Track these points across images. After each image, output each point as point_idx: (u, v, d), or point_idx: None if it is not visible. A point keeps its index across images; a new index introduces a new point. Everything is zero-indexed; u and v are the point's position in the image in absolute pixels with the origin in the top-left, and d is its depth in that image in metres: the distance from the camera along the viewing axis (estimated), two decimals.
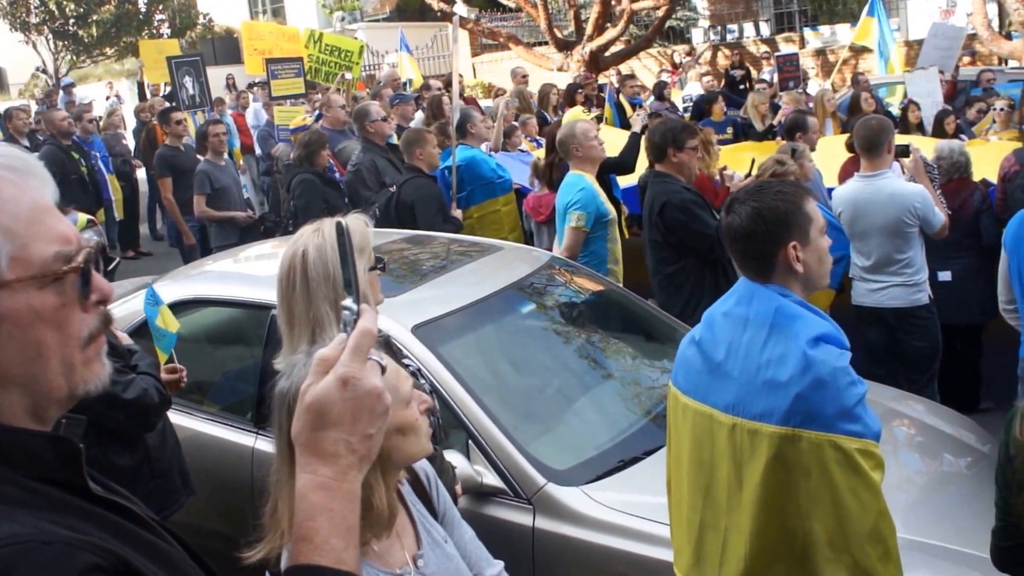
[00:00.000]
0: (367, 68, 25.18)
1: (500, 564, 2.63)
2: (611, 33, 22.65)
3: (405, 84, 15.17)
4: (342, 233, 1.50)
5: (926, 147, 7.33)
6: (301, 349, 2.68)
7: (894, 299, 6.07)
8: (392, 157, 8.32)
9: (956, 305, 6.61)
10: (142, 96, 19.63)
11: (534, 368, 4.80)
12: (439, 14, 23.64)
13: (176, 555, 1.45)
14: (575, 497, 3.79)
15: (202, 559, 1.53)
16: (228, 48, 31.66)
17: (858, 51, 22.99)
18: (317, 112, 11.54)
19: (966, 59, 20.93)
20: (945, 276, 6.67)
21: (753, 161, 6.64)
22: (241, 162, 12.80)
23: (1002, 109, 10.74)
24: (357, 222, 3.09)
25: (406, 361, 3.72)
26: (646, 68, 26.02)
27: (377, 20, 33.07)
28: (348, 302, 1.43)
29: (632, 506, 3.73)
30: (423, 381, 3.76)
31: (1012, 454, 2.73)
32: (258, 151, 14.09)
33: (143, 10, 32.96)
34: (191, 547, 1.52)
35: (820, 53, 26.77)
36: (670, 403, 3.03)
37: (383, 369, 1.44)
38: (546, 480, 3.84)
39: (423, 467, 2.53)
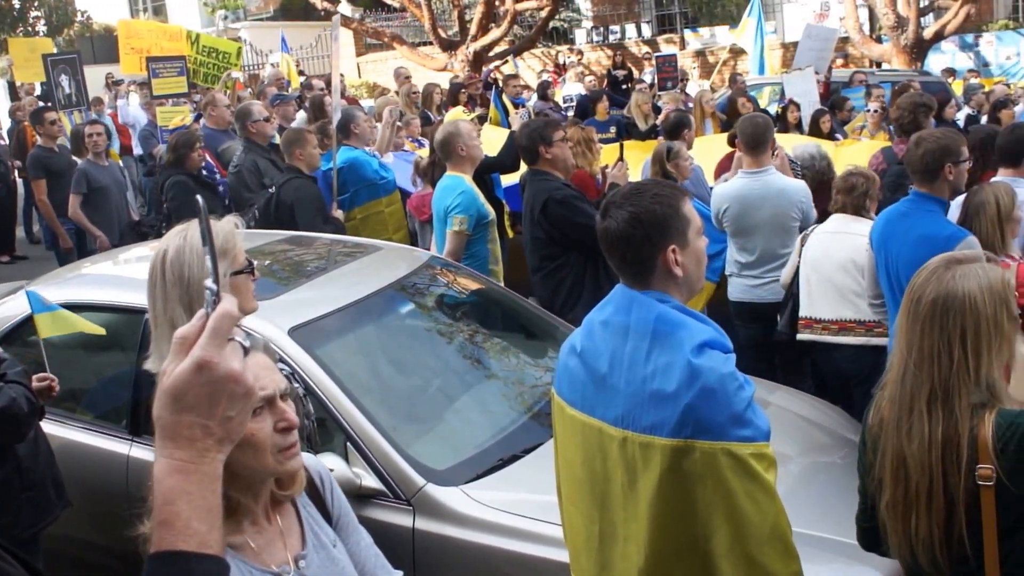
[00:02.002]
0: (251, 68, 24.84)
1: (399, 573, 2.59)
2: (495, 33, 22.77)
3: (289, 84, 15.00)
4: (202, 212, 1.47)
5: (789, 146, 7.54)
6: (164, 350, 2.63)
7: (776, 294, 6.19)
8: (274, 158, 8.20)
9: None
10: (14, 96, 18.99)
11: (414, 368, 4.78)
12: (323, 13, 23.42)
13: (14, 573, 1.41)
14: (454, 497, 3.79)
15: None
16: (107, 46, 30.74)
17: (737, 52, 23.55)
18: (196, 113, 11.32)
19: (839, 61, 21.64)
20: None
21: (621, 146, 6.72)
22: (120, 163, 12.48)
23: (875, 111, 11.05)
24: (226, 223, 3.05)
25: (279, 366, 3.66)
26: (529, 68, 26.18)
27: (261, 19, 32.63)
28: (209, 282, 1.41)
29: (511, 504, 3.75)
30: (296, 384, 3.72)
31: (866, 439, 2.84)
32: (140, 151, 13.75)
33: (17, 6, 31.89)
34: (30, 563, 1.47)
35: (700, 54, 27.33)
36: (555, 413, 2.95)
37: (246, 351, 1.42)
38: (425, 481, 3.83)
39: (319, 470, 2.49)
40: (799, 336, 5.82)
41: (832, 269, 5.59)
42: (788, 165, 6.49)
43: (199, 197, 1.54)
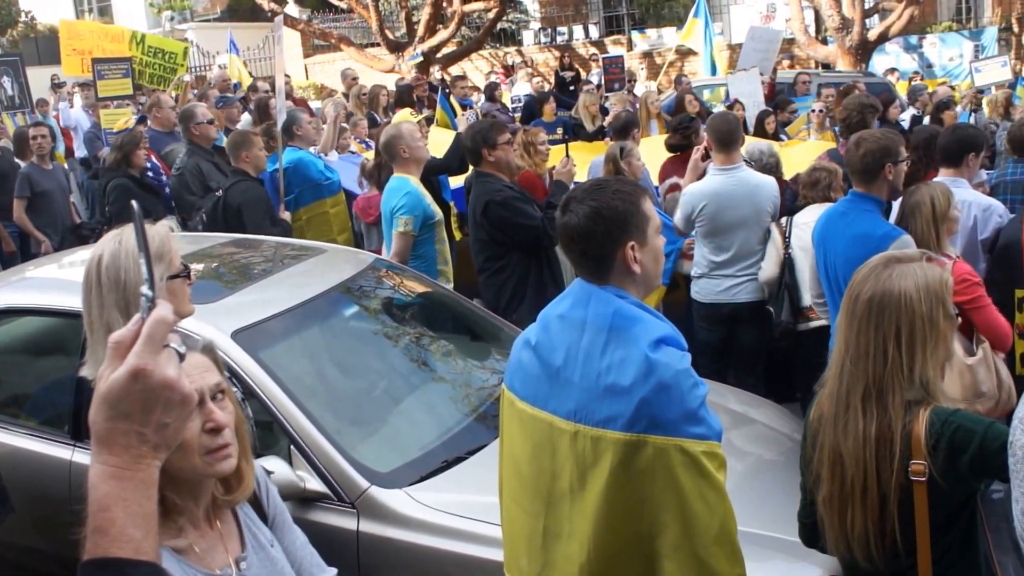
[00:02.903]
0: (197, 69, 24.60)
1: (333, 571, 2.59)
2: (442, 35, 22.78)
3: (236, 86, 14.88)
4: (137, 218, 1.46)
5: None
6: (100, 356, 2.61)
7: (750, 293, 6.23)
8: (218, 160, 8.13)
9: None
10: None
11: (359, 370, 4.78)
12: (270, 14, 23.25)
13: None
14: (398, 499, 3.79)
15: None
16: (52, 47, 30.26)
17: (684, 53, 23.74)
18: (139, 115, 11.19)
19: (786, 62, 21.87)
20: None
21: (567, 147, 6.76)
22: (65, 166, 12.32)
23: (821, 111, 11.14)
24: (161, 227, 3.03)
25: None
26: (477, 69, 26.21)
27: (208, 20, 32.30)
28: (144, 288, 1.40)
29: (455, 506, 3.75)
30: (235, 389, 3.70)
31: (807, 435, 2.89)
32: (82, 154, 13.57)
33: None
34: None
35: (648, 55, 27.51)
36: (504, 407, 2.92)
37: (181, 357, 1.41)
38: (369, 483, 3.83)
39: (254, 471, 2.49)
40: (809, 326, 5.86)
41: None
42: (699, 166, 6.59)
43: (134, 202, 1.53)
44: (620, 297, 2.65)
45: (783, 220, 6.25)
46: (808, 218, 5.87)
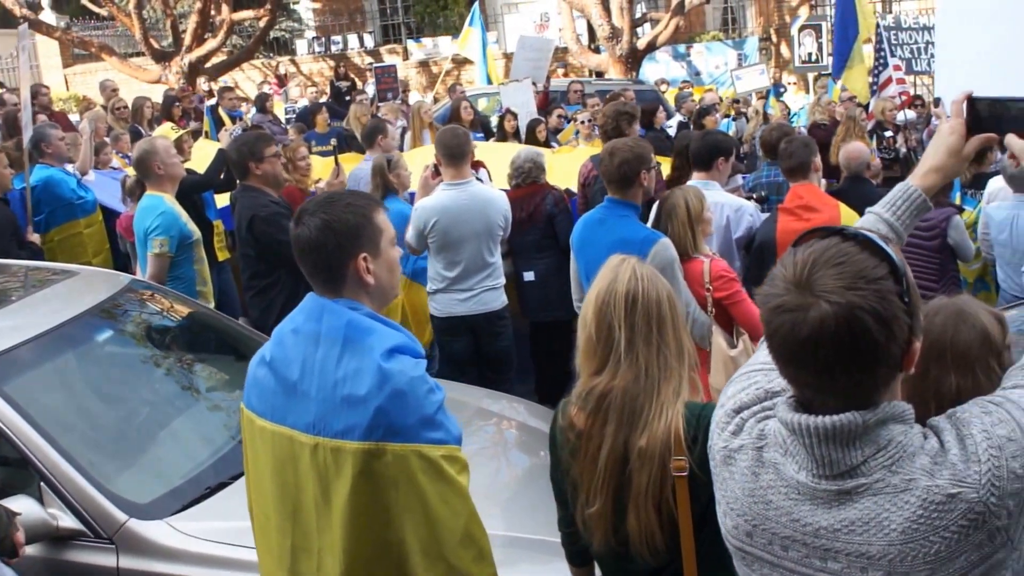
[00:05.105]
0: None
1: None
2: (211, 44, 22.15)
3: None
4: None
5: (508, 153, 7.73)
6: None
7: (486, 304, 6.28)
8: None
9: (542, 303, 6.97)
10: None
11: (117, 398, 4.56)
12: (21, 20, 21.99)
13: None
14: (160, 530, 3.64)
15: None
16: None
17: (460, 62, 23.95)
18: None
19: (560, 71, 22.42)
20: (529, 276, 6.99)
21: (336, 159, 6.68)
22: None
23: (586, 121, 11.38)
24: None
25: None
26: (250, 79, 25.64)
27: None
28: None
29: (219, 533, 3.63)
30: None
31: (559, 444, 2.88)
32: None
33: None
34: None
35: (424, 65, 27.63)
36: (244, 427, 2.89)
37: None
38: (128, 516, 3.66)
39: None
40: None
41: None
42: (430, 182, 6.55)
43: None
44: (353, 309, 2.68)
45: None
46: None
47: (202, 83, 19.45)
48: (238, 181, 6.02)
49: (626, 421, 2.71)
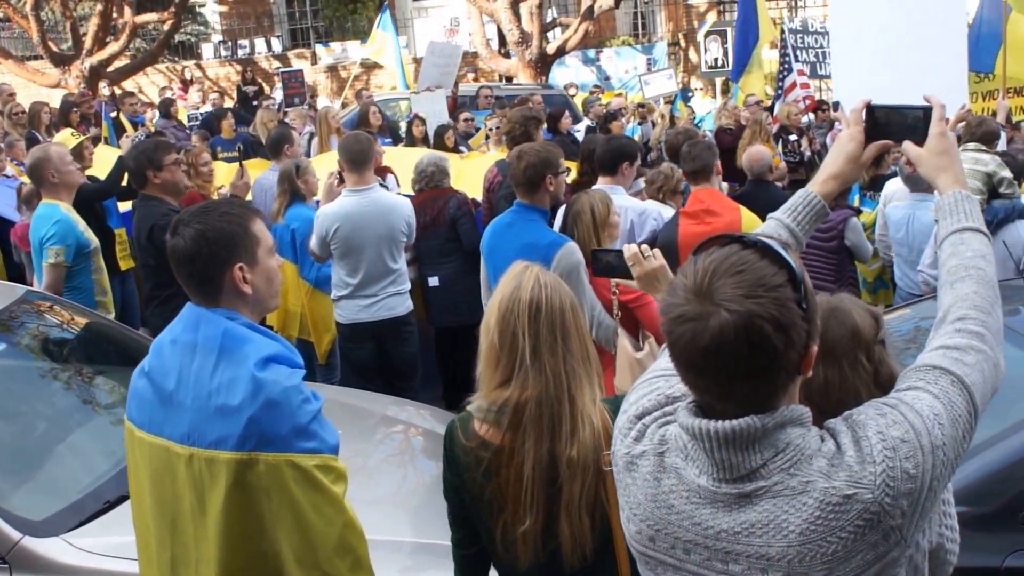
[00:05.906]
0: None
1: None
2: (113, 48, 21.67)
3: None
4: None
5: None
6: None
7: (391, 310, 6.25)
8: None
9: (446, 308, 6.97)
10: None
11: (11, 413, 4.42)
12: None
13: None
14: (56, 547, 3.56)
15: None
16: None
17: (369, 67, 23.81)
18: None
19: (470, 76, 22.41)
20: (434, 281, 7.00)
21: (241, 165, 6.59)
22: None
23: (493, 128, 11.39)
24: None
25: None
26: (154, 84, 25.14)
27: None
28: None
29: (118, 548, 3.54)
30: None
31: (463, 461, 2.78)
32: None
33: None
34: None
35: (332, 69, 27.41)
36: (127, 439, 2.87)
37: None
38: (22, 534, 3.56)
39: None
40: None
41: None
42: (335, 189, 6.46)
43: None
44: (231, 319, 2.68)
45: None
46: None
47: (103, 88, 19.02)
48: (138, 190, 5.90)
49: (547, 433, 2.66)
